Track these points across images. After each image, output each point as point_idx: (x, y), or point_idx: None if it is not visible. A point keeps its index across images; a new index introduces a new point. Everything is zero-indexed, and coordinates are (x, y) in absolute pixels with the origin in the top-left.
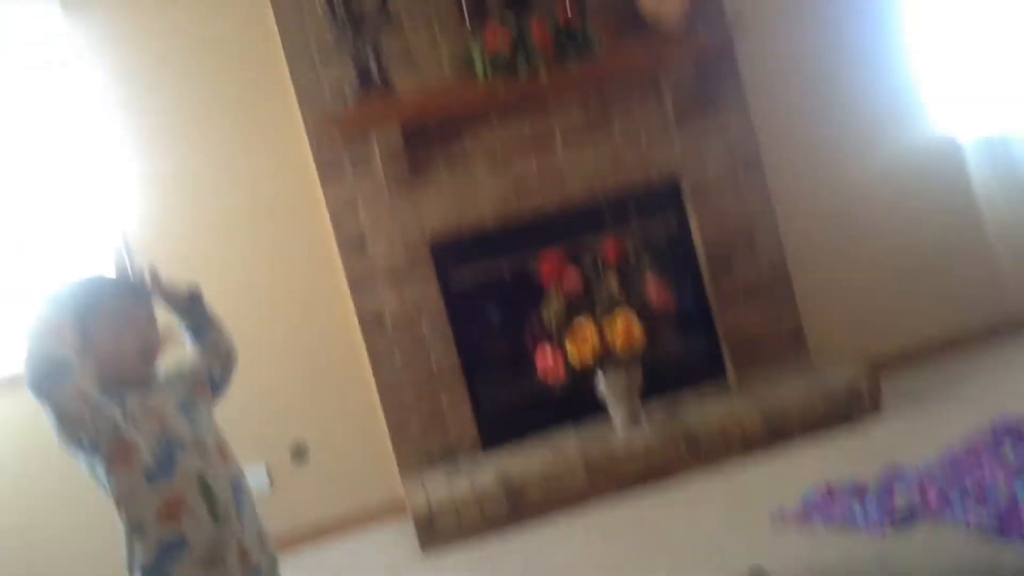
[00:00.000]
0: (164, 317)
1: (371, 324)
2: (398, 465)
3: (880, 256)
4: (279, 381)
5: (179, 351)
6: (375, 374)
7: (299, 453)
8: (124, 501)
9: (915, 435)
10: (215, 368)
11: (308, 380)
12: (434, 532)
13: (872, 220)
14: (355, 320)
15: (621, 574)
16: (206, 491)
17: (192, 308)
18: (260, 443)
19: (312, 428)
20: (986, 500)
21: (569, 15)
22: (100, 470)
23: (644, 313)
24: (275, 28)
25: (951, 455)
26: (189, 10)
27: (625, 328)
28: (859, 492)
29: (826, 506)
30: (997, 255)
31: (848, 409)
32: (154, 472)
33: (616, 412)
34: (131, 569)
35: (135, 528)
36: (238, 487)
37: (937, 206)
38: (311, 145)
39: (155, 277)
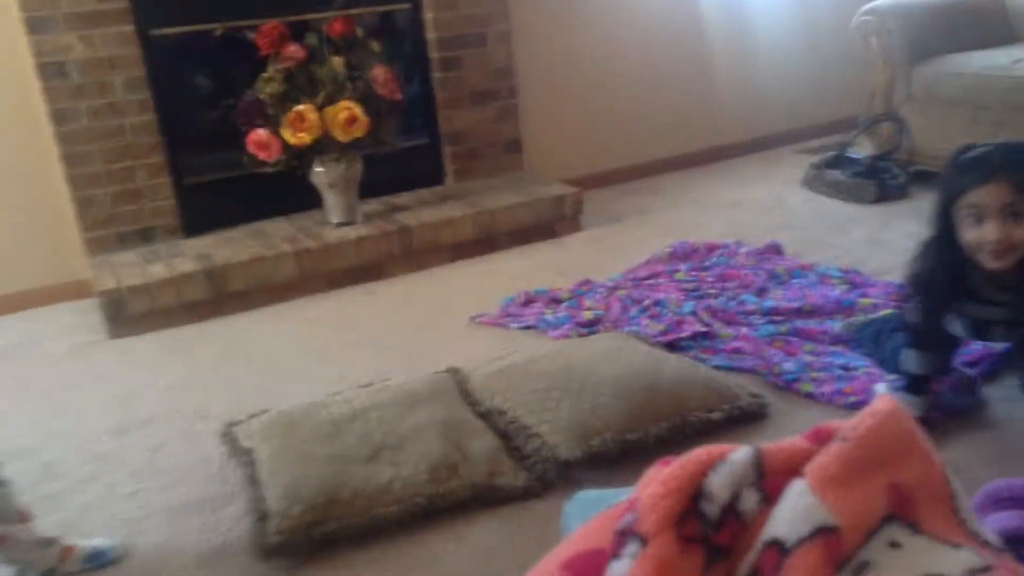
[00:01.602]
0: None
1: (52, 72)
2: (84, 242)
3: (604, 76)
4: None
5: None
6: (56, 134)
7: None
8: None
9: (608, 253)
10: None
11: None
12: (124, 317)
13: (604, 39)
14: (30, 66)
15: (321, 365)
16: None
17: None
18: None
19: None
20: (658, 316)
21: None
22: None
23: (369, 100)
24: None
25: (635, 273)
26: None
27: (348, 116)
28: (553, 301)
29: (521, 312)
30: (714, 86)
31: (551, 223)
32: None
33: (332, 204)
34: None
35: None
36: None
37: (669, 38)
38: None
39: None
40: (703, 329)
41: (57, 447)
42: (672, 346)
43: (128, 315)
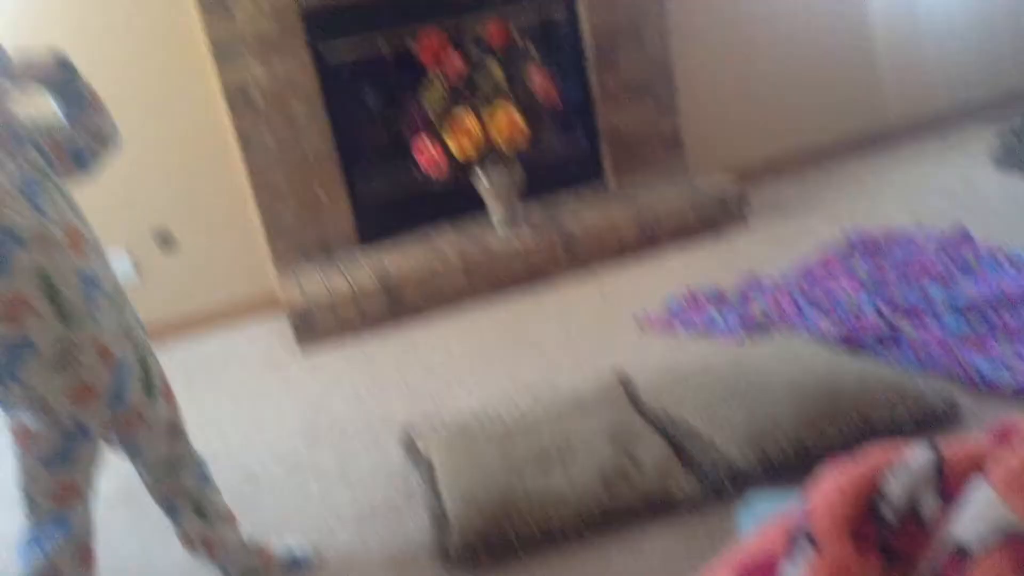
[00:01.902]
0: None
1: (237, 99)
2: (272, 257)
3: (765, 61)
4: (137, 160)
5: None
6: (245, 158)
7: (164, 240)
8: None
9: (776, 246)
10: (86, 146)
11: (170, 160)
12: (310, 328)
13: (761, 26)
14: (220, 94)
15: (492, 371)
16: (50, 290)
17: (65, 81)
18: (120, 229)
19: (178, 214)
20: (835, 311)
21: None
22: None
23: (527, 106)
24: None
25: (806, 266)
26: None
27: (508, 121)
28: (719, 300)
29: (688, 312)
30: (881, 67)
31: (716, 218)
32: None
33: (495, 211)
34: None
35: None
36: (91, 282)
37: (828, 14)
38: None
39: (8, 57)
40: (886, 328)
41: (254, 453)
42: (852, 346)
43: (314, 328)
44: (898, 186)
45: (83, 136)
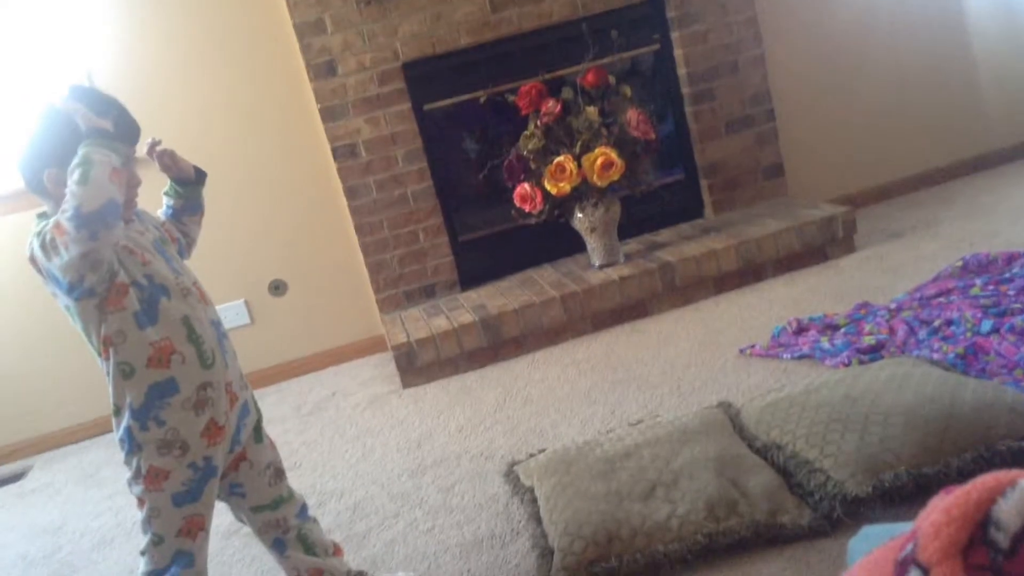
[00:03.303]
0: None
1: (344, 153)
2: (377, 302)
3: (864, 87)
4: (251, 215)
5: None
6: (350, 208)
7: (277, 288)
8: (114, 343)
9: (887, 272)
10: (181, 240)
11: (281, 214)
12: (414, 367)
13: (858, 46)
14: (327, 151)
15: (592, 403)
16: (192, 335)
17: (195, 185)
18: (236, 281)
19: (289, 264)
20: (952, 336)
21: None
22: (86, 308)
23: (623, 144)
24: None
25: (921, 291)
26: None
27: (604, 161)
28: (828, 328)
29: (794, 341)
30: (983, 88)
31: (823, 246)
32: (141, 317)
33: (593, 247)
34: (119, 411)
35: (124, 372)
36: (219, 328)
37: (925, 29)
38: None
39: (164, 148)
40: (1007, 350)
41: (364, 488)
42: (970, 368)
43: (417, 366)
44: (1012, 206)
45: (182, 235)
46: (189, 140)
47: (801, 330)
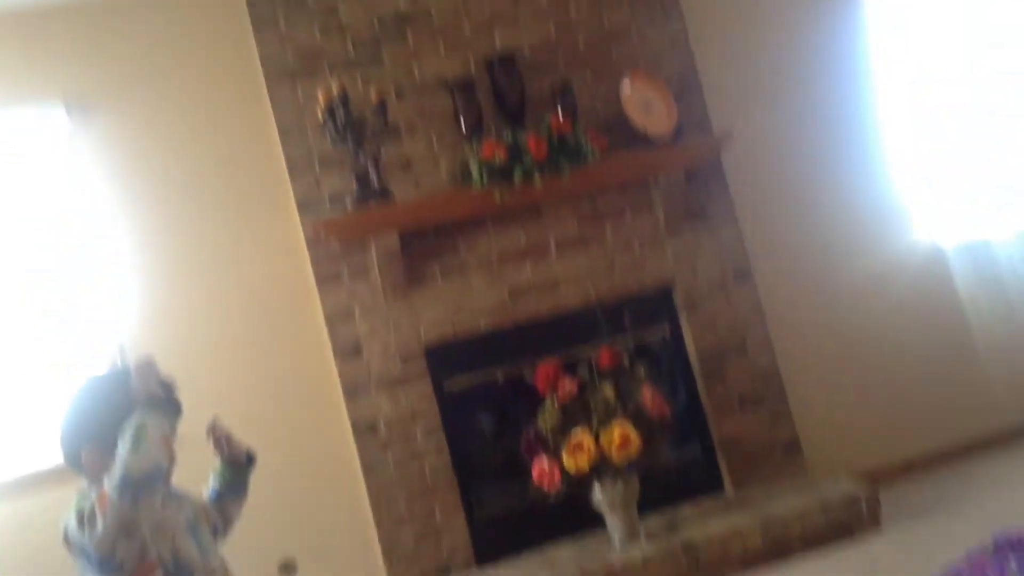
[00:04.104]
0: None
1: (364, 431)
2: None
3: (870, 363)
4: (268, 492)
5: None
6: (367, 484)
7: (287, 567)
8: None
9: (916, 551)
10: (218, 522)
11: (298, 491)
12: None
13: (860, 327)
14: (348, 428)
15: None
16: None
17: (244, 468)
18: (247, 557)
19: (302, 541)
20: None
21: (563, 125)
22: None
23: (640, 421)
24: (276, 137)
25: (956, 572)
26: (192, 118)
27: (622, 437)
28: None
29: None
30: (985, 363)
31: (848, 523)
32: None
33: (613, 524)
34: None
35: None
36: None
37: (924, 312)
38: (309, 252)
39: (223, 429)
40: None
41: None
42: None
43: None
44: None
45: (220, 517)
46: (216, 410)
47: None
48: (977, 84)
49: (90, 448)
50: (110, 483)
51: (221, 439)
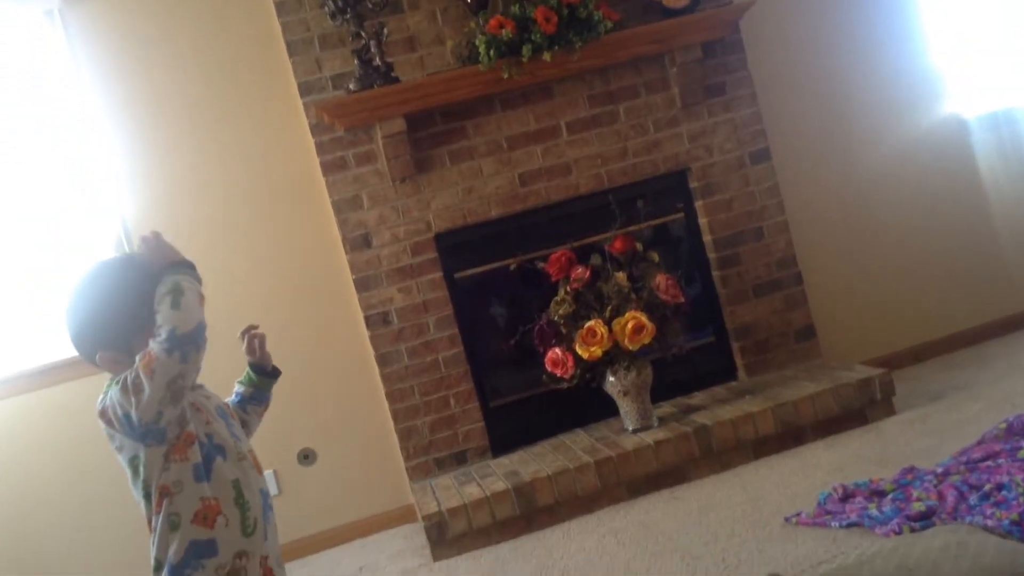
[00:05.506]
0: None
1: (377, 322)
2: (407, 470)
3: (889, 248)
4: (284, 384)
5: None
6: (382, 375)
7: (306, 457)
8: (171, 492)
9: (930, 434)
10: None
11: (314, 382)
12: (445, 538)
13: (881, 210)
14: (360, 319)
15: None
16: (240, 499)
17: (270, 378)
18: (266, 451)
19: (319, 432)
20: (1004, 501)
21: None
22: (153, 457)
23: (654, 308)
24: (275, 19)
25: (967, 455)
26: (188, 6)
27: (635, 325)
28: (875, 494)
29: (841, 508)
30: (1005, 247)
31: (862, 409)
32: (200, 469)
33: (627, 412)
34: (159, 566)
35: (172, 523)
36: (267, 499)
37: (945, 194)
38: (313, 138)
39: (259, 332)
40: None
41: None
42: None
43: (449, 537)
44: None
45: (239, 418)
46: (225, 307)
47: (847, 496)
48: None
49: (107, 354)
50: (156, 343)
51: (254, 342)
